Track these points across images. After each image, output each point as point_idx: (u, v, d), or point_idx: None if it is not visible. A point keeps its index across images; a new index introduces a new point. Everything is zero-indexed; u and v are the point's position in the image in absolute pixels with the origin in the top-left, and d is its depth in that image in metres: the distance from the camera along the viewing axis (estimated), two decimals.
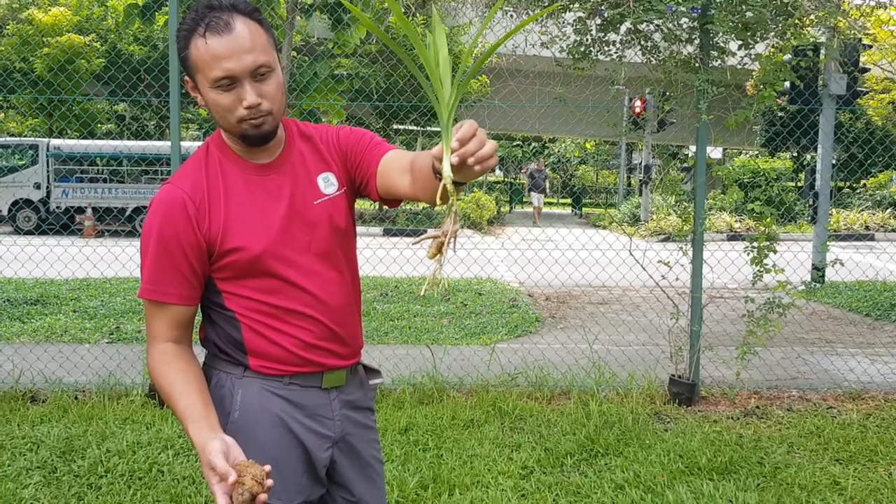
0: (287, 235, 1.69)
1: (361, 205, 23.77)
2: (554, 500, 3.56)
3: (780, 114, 17.99)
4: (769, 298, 4.92)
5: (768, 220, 4.96)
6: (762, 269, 4.85)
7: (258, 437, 1.71)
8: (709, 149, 5.88)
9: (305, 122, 1.83)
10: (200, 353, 1.75)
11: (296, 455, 1.73)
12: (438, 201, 1.33)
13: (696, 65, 4.94)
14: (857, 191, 19.61)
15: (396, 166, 1.66)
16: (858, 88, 10.27)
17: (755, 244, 4.88)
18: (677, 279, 5.09)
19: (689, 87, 5.07)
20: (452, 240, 1.33)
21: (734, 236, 14.93)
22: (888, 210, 17.67)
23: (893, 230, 16.33)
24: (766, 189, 15.11)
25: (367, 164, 1.74)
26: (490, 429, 4.44)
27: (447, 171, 1.28)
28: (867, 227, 16.55)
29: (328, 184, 1.75)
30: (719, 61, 5.04)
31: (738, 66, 5.23)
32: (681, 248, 4.92)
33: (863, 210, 17.90)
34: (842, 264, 5.02)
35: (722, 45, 5.04)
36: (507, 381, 5.20)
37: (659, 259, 4.86)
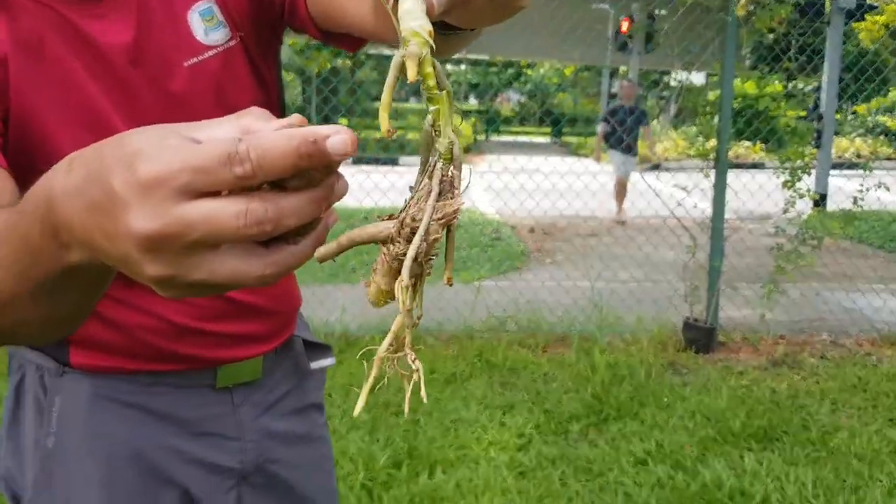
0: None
1: None
2: (560, 478, 2.86)
3: (770, 35, 17.09)
4: (801, 228, 4.21)
5: (803, 138, 4.21)
6: (795, 193, 4.13)
7: (93, 480, 0.94)
8: (693, 74, 5.11)
9: None
10: None
11: None
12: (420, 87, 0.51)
13: None
14: (850, 118, 18.96)
15: None
16: (870, 2, 9.46)
17: (788, 164, 4.13)
18: (695, 207, 4.35)
19: None
20: (430, 253, 0.50)
21: (735, 164, 14.21)
22: (881, 137, 17.05)
23: (888, 158, 15.74)
24: (784, 111, 14.30)
25: None
26: (476, 385, 3.72)
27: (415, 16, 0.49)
28: (858, 156, 15.93)
29: (211, 23, 0.91)
30: None
31: None
32: (702, 169, 4.15)
33: (855, 137, 17.27)
34: (887, 189, 4.28)
35: None
36: (494, 326, 4.47)
37: (676, 184, 4.10)
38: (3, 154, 0.78)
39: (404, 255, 0.49)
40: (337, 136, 0.41)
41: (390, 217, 0.51)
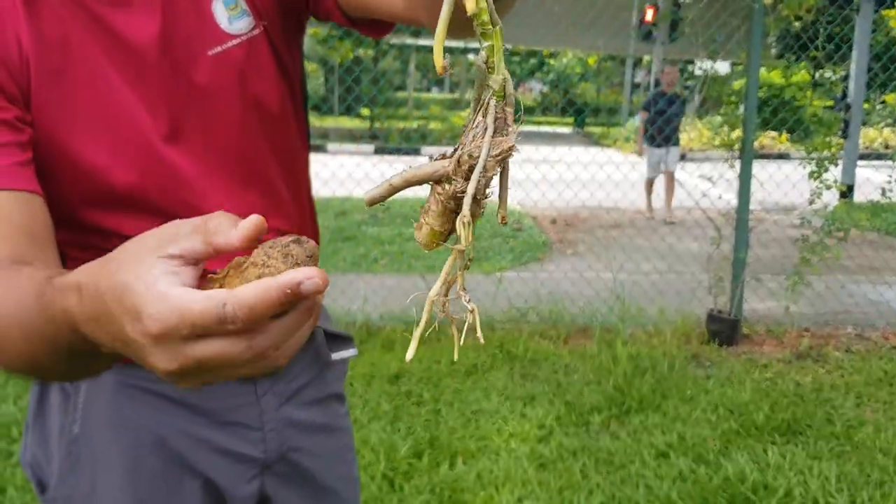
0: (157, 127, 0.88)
1: (349, 119, 22.11)
2: (581, 470, 2.86)
3: (797, 23, 16.82)
4: (827, 220, 4.15)
5: (830, 128, 4.15)
6: (822, 184, 4.07)
7: (118, 466, 0.95)
8: (717, 63, 5.04)
9: None
10: None
11: (191, 498, 0.98)
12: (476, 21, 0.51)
13: None
14: (878, 108, 18.63)
15: None
16: None
17: (814, 154, 4.07)
18: (720, 198, 4.31)
19: None
20: (486, 191, 0.51)
21: (761, 155, 14.04)
22: None
23: None
24: (811, 101, 14.06)
25: None
26: (497, 376, 3.72)
27: None
28: (887, 146, 15.67)
29: (234, 12, 0.91)
30: None
31: None
32: (727, 160, 4.10)
33: (884, 127, 16.97)
34: None
35: None
36: (515, 317, 4.46)
37: (701, 174, 4.06)
38: (33, 171, 0.79)
39: (462, 192, 0.50)
40: (309, 281, 0.48)
41: (443, 157, 0.52)
